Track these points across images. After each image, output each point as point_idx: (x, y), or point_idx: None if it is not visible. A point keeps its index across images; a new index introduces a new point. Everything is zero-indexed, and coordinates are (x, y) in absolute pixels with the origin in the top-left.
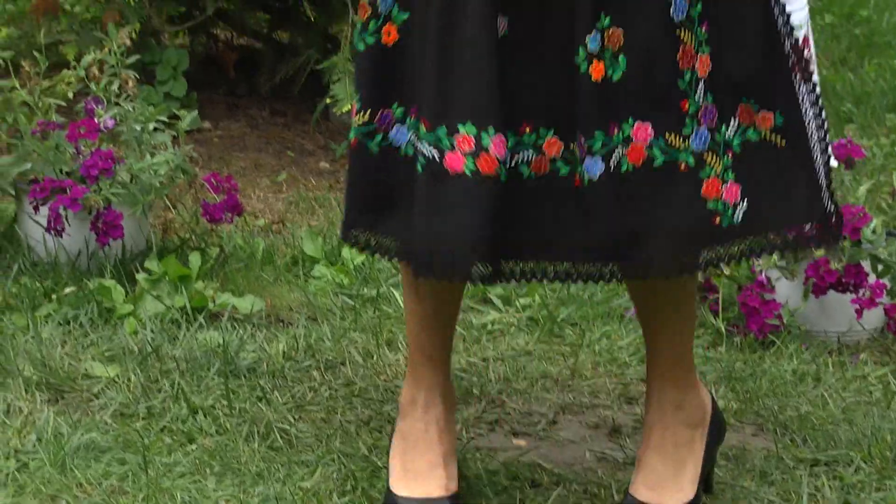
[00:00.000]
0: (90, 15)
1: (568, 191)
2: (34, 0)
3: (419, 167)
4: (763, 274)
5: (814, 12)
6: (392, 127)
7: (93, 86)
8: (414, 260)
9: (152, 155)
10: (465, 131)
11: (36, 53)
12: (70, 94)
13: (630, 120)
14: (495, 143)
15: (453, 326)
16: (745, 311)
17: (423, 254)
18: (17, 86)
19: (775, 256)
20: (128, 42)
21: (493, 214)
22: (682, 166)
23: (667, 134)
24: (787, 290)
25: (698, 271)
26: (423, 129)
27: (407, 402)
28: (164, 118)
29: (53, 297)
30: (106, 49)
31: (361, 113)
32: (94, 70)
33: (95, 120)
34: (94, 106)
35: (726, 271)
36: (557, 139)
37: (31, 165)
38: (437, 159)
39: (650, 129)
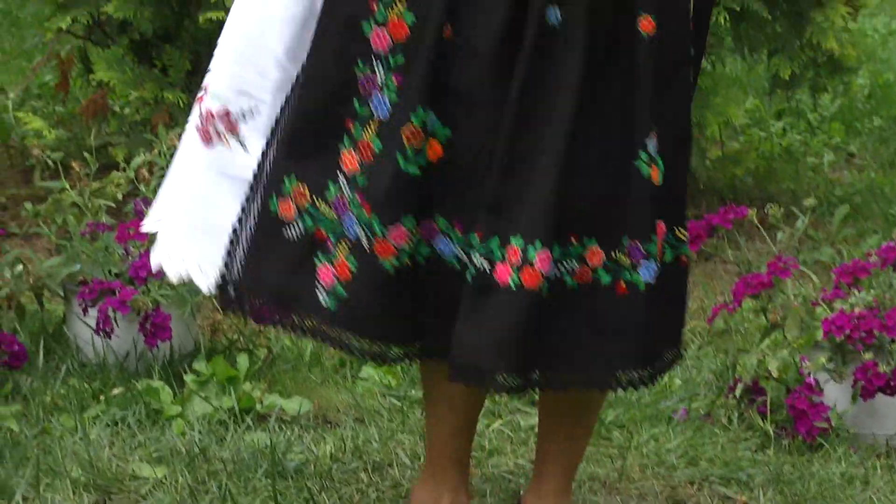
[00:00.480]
0: (140, 117)
1: (610, 300)
2: (84, 102)
3: (468, 277)
4: (811, 377)
5: (861, 115)
6: (435, 237)
7: (142, 187)
8: (454, 367)
9: None
10: (515, 243)
11: (86, 155)
12: (119, 196)
13: (654, 221)
14: (540, 258)
15: (475, 430)
16: (793, 414)
17: (465, 362)
18: (67, 187)
19: (823, 359)
20: (177, 144)
21: (530, 328)
22: (684, 258)
23: (675, 229)
24: (835, 393)
25: None
26: (476, 238)
27: (430, 502)
28: None
29: (101, 398)
30: (155, 150)
31: (413, 231)
32: (144, 172)
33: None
34: (144, 207)
35: (774, 374)
36: (599, 248)
37: (80, 267)
38: (488, 271)
39: (664, 225)
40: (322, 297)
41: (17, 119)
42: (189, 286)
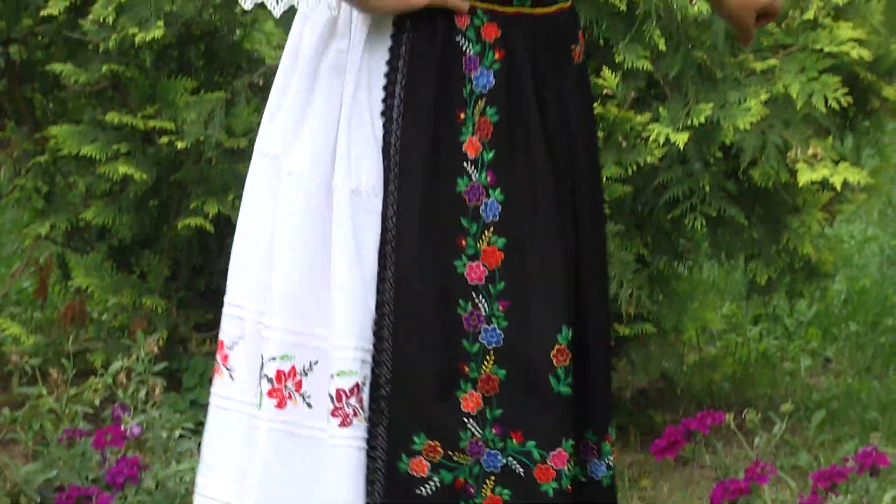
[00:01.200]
0: (118, 322)
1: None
2: (62, 308)
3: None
4: None
5: (838, 320)
6: (589, 456)
7: (120, 393)
8: None
9: (178, 462)
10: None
11: (63, 361)
12: (97, 402)
13: None
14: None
15: None
16: None
17: None
18: (45, 393)
19: None
20: (155, 349)
21: None
22: None
23: None
24: None
25: None
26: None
27: None
28: (190, 425)
29: None
30: (133, 357)
31: (572, 453)
32: (122, 377)
33: (122, 427)
34: (121, 413)
35: None
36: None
37: (56, 472)
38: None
39: None
40: None
41: None
42: (163, 495)
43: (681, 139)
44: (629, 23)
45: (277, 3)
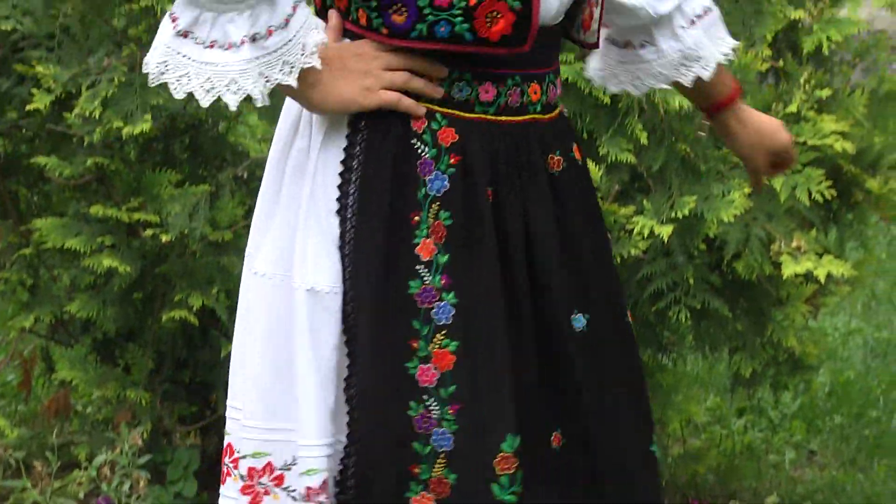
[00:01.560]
0: (102, 415)
1: None
2: (46, 401)
3: None
4: None
5: (822, 413)
6: None
7: (104, 486)
8: None
9: None
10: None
11: (48, 454)
12: (81, 495)
13: None
14: None
15: None
16: None
17: None
18: (29, 486)
19: None
20: (139, 442)
21: None
22: None
23: None
24: None
25: None
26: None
27: None
28: None
29: None
30: (118, 449)
31: None
32: (106, 470)
33: None
34: None
35: None
36: None
37: None
38: None
39: None
40: None
41: None
42: None
43: (665, 232)
44: (612, 116)
45: (262, 89)
